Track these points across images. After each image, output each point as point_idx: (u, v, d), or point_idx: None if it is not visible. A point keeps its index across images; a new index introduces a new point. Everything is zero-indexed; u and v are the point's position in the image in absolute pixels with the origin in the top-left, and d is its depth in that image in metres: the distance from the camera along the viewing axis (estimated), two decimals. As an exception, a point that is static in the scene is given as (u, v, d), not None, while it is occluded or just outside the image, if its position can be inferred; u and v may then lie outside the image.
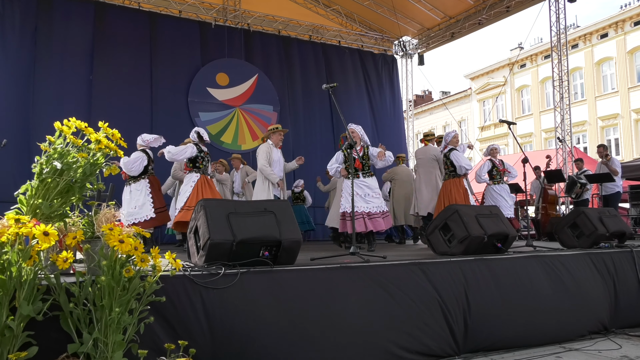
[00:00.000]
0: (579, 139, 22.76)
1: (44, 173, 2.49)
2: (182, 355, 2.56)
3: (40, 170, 2.50)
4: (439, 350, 3.38)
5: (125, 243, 2.41)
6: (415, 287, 3.46)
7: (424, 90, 34.30)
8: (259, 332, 2.85)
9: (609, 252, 4.73)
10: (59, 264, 2.36)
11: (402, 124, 13.28)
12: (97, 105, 9.26)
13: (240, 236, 3.02)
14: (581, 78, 23.15)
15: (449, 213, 4.37)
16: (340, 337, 3.06)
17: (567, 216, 5.51)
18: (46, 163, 2.50)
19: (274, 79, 11.41)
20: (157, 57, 10.21)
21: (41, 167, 2.51)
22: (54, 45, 9.24)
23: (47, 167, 2.50)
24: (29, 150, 8.26)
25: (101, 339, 2.33)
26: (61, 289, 2.35)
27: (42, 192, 2.49)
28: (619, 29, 21.63)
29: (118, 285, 2.40)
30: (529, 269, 4.11)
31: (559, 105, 10.92)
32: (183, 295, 2.74)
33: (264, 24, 11.69)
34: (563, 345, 3.85)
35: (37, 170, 2.51)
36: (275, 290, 2.99)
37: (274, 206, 3.29)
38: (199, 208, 3.13)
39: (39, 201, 2.48)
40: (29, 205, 2.48)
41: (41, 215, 2.49)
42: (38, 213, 2.48)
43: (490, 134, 26.35)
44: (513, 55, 26.36)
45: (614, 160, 9.38)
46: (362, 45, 13.04)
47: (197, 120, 10.36)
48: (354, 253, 3.90)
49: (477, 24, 11.93)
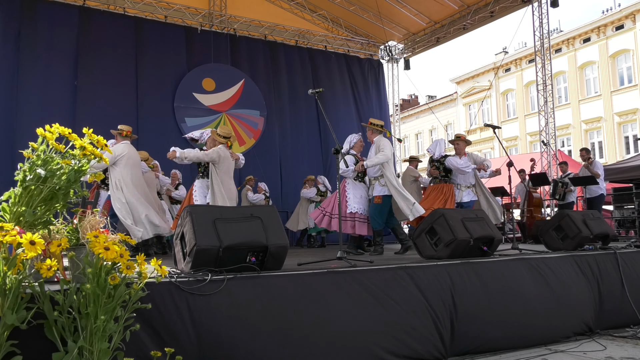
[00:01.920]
0: (564, 142, 23.07)
1: (27, 180, 2.46)
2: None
3: (23, 177, 2.47)
4: (426, 353, 3.39)
5: (110, 250, 2.39)
6: (402, 291, 3.48)
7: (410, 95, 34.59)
8: (246, 338, 2.84)
9: (593, 254, 4.78)
10: (43, 272, 2.33)
11: (388, 128, 13.35)
12: (82, 111, 9.17)
13: (226, 242, 3.01)
14: (565, 82, 23.49)
15: (435, 217, 4.39)
16: (328, 342, 3.05)
17: (552, 219, 5.57)
18: (29, 170, 2.47)
19: (260, 83, 11.40)
20: (142, 62, 10.15)
21: (24, 175, 2.47)
22: (37, 50, 9.13)
23: (30, 175, 2.46)
24: (12, 157, 8.13)
25: (86, 347, 2.31)
26: (45, 297, 2.32)
27: (25, 199, 2.45)
28: (601, 34, 22.00)
29: (103, 293, 2.38)
30: (515, 271, 4.15)
31: (543, 109, 11.05)
32: (169, 302, 2.72)
33: (250, 29, 11.70)
34: (549, 347, 3.88)
35: (20, 177, 2.48)
36: (262, 295, 2.99)
37: (260, 212, 3.29)
38: (185, 214, 3.12)
39: (22, 209, 2.45)
40: (12, 212, 2.45)
41: (25, 223, 2.46)
42: (21, 221, 2.45)
43: (477, 137, 26.59)
44: (498, 60, 26.69)
45: (596, 163, 9.50)
46: (349, 50, 13.11)
47: (183, 125, 10.31)
48: (341, 258, 3.91)
49: (461, 29, 12.06)
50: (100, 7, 10.02)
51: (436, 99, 32.01)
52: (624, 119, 21.30)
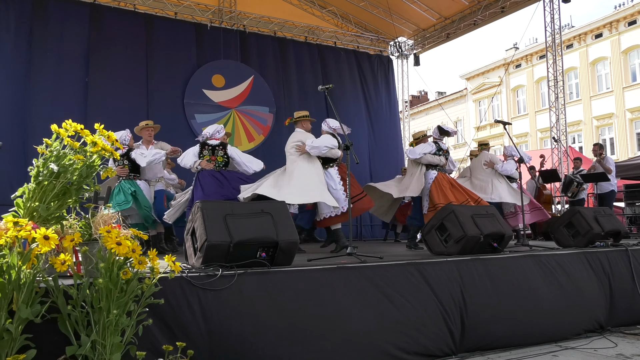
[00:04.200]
0: (574, 139, 22.86)
1: (41, 175, 2.49)
2: (180, 356, 2.56)
3: (37, 172, 2.50)
4: (437, 350, 3.39)
5: (122, 245, 2.41)
6: (411, 287, 3.47)
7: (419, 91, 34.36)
8: (257, 333, 2.85)
9: (604, 251, 4.75)
10: (57, 266, 2.36)
11: (398, 125, 13.26)
12: (93, 107, 9.19)
13: (237, 237, 3.02)
14: (576, 78, 23.25)
15: (445, 213, 4.38)
16: (337, 338, 3.06)
17: (563, 215, 5.54)
18: (43, 166, 2.50)
19: (269, 80, 11.37)
20: (152, 58, 10.15)
21: (38, 170, 2.50)
22: (49, 47, 9.16)
23: (43, 170, 2.49)
24: (25, 152, 8.18)
25: (99, 341, 2.33)
26: (59, 292, 2.34)
27: (39, 194, 2.48)
28: (613, 29, 21.75)
29: (116, 288, 2.40)
30: (525, 268, 4.13)
31: (554, 105, 10.96)
32: (181, 297, 2.74)
33: (259, 25, 11.68)
34: (559, 344, 3.86)
35: (34, 173, 2.51)
36: (272, 291, 3.00)
37: (270, 207, 3.30)
38: (196, 209, 3.14)
39: (35, 204, 2.48)
40: (25, 208, 2.48)
41: (38, 218, 2.49)
42: (35, 216, 2.48)
43: (486, 134, 26.42)
44: (508, 56, 26.43)
45: (608, 159, 9.42)
46: (358, 46, 13.04)
47: (193, 122, 10.33)
48: (350, 253, 3.91)
49: (472, 25, 11.95)
50: (111, 4, 10.07)
51: (446, 95, 31.81)
52: (636, 115, 21.05)
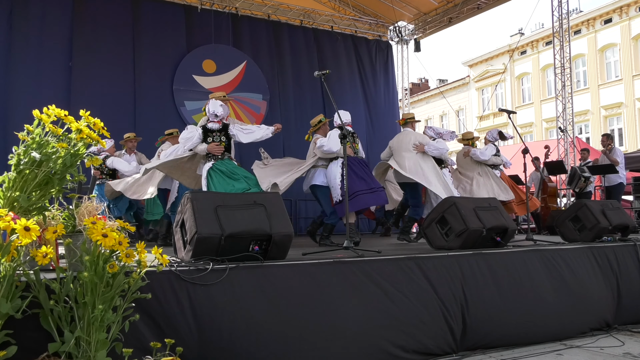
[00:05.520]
0: (581, 129, 22.62)
1: (22, 164, 2.41)
2: (169, 353, 2.52)
3: (17, 161, 2.42)
4: (437, 348, 3.33)
5: (109, 237, 2.35)
6: (411, 283, 3.40)
7: (420, 78, 33.99)
8: (248, 330, 2.80)
9: (611, 246, 4.67)
10: (39, 259, 2.30)
11: (397, 113, 12.99)
12: (77, 93, 8.90)
13: (229, 230, 2.95)
14: (584, 65, 22.94)
15: (446, 206, 4.27)
16: (333, 335, 3.00)
17: (569, 209, 5.44)
18: (24, 154, 2.42)
19: (263, 66, 11.07)
20: (139, 42, 9.78)
21: (19, 158, 2.42)
22: (30, 29, 8.82)
23: (25, 158, 2.41)
24: (5, 140, 7.88)
25: (83, 337, 2.30)
26: (41, 286, 2.31)
27: (19, 184, 2.40)
28: (623, 14, 21.37)
29: (101, 282, 2.36)
30: (529, 263, 4.05)
31: (560, 94, 10.78)
32: (169, 292, 2.69)
33: (252, 8, 11.35)
34: (564, 342, 3.80)
35: (15, 161, 2.43)
36: (265, 286, 2.93)
37: (264, 199, 3.21)
38: (185, 201, 3.04)
39: (16, 194, 2.40)
40: (5, 198, 2.40)
41: (19, 209, 2.41)
42: (16, 206, 2.40)
43: (490, 123, 26.20)
44: (513, 42, 26.00)
45: (616, 150, 9.24)
46: (356, 30, 12.78)
47: (183, 109, 10.03)
48: (347, 247, 3.82)
49: (475, 9, 11.68)
50: (96, -16, 9.74)
51: (447, 82, 31.49)
52: (645, 104, 20.81)
